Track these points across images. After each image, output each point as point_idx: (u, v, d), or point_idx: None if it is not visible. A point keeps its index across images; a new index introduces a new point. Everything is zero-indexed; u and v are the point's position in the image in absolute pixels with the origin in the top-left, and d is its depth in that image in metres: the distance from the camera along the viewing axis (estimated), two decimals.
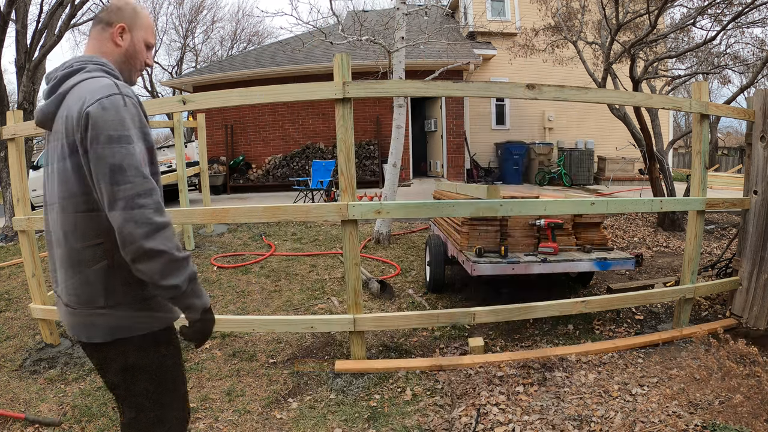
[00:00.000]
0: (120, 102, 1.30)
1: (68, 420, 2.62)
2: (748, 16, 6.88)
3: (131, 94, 1.36)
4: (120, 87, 1.33)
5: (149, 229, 1.25)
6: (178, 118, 6.83)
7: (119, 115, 1.28)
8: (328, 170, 9.64)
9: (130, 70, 1.53)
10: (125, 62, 1.51)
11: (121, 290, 1.37)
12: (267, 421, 2.59)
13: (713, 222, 7.65)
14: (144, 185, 1.27)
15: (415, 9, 7.92)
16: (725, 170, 17.13)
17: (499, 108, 13.77)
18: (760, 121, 3.53)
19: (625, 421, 2.42)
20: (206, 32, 31.65)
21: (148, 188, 1.28)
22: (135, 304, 1.39)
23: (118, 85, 1.33)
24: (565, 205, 3.26)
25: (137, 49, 1.51)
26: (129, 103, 1.32)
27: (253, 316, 4.02)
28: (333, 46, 7.93)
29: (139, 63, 1.53)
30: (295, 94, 2.98)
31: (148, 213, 1.26)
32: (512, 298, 4.31)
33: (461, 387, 2.82)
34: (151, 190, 1.28)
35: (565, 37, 8.86)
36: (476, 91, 3.12)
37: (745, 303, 3.60)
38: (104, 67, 1.42)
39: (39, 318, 3.58)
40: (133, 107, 1.33)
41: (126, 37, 1.48)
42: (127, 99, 1.32)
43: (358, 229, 3.05)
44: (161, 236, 1.27)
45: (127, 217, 1.24)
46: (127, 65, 1.51)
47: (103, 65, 1.43)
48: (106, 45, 1.48)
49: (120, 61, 1.50)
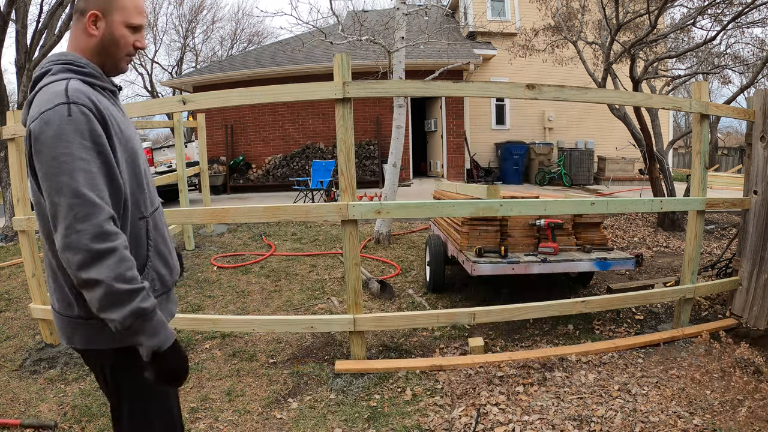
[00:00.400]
0: (63, 113, 1.17)
1: (68, 420, 2.62)
2: (748, 16, 6.88)
3: (83, 100, 1.21)
4: (70, 94, 1.20)
5: (84, 258, 1.14)
6: (178, 118, 6.83)
7: (60, 130, 1.16)
8: (328, 170, 9.64)
9: (113, 60, 1.37)
10: (104, 52, 1.35)
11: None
12: (267, 421, 2.59)
13: (713, 222, 7.65)
14: (82, 209, 1.14)
15: (415, 9, 7.92)
16: (725, 170, 17.13)
17: (499, 108, 13.76)
18: (760, 121, 3.53)
19: (625, 421, 2.42)
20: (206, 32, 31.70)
21: (87, 213, 1.15)
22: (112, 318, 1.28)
23: (68, 91, 1.21)
24: (565, 205, 3.26)
25: (116, 35, 1.34)
26: (76, 113, 1.18)
27: (253, 316, 4.02)
28: (333, 46, 7.93)
29: (122, 50, 1.36)
30: (295, 94, 2.98)
31: (85, 240, 1.13)
32: (512, 298, 4.31)
33: (461, 387, 2.82)
34: (89, 214, 1.15)
35: (565, 37, 8.86)
36: (476, 91, 3.12)
37: (745, 303, 3.60)
38: (70, 65, 1.30)
39: (39, 318, 3.58)
40: (82, 116, 1.19)
41: (100, 24, 1.33)
42: (74, 107, 1.19)
43: (358, 229, 3.05)
44: (100, 265, 1.14)
45: (64, 244, 1.14)
46: (108, 55, 1.36)
47: (69, 63, 1.31)
48: (81, 37, 1.34)
49: (97, 53, 1.35)
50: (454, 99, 12.47)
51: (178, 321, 3.18)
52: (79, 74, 1.30)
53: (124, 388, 1.39)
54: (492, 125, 13.80)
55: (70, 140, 1.17)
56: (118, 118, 1.34)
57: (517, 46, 10.21)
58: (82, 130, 1.19)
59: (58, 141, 1.16)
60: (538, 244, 3.95)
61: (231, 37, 28.69)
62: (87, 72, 1.32)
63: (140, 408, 1.40)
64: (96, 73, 1.35)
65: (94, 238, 1.15)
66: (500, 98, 12.81)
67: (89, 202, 1.16)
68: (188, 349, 3.47)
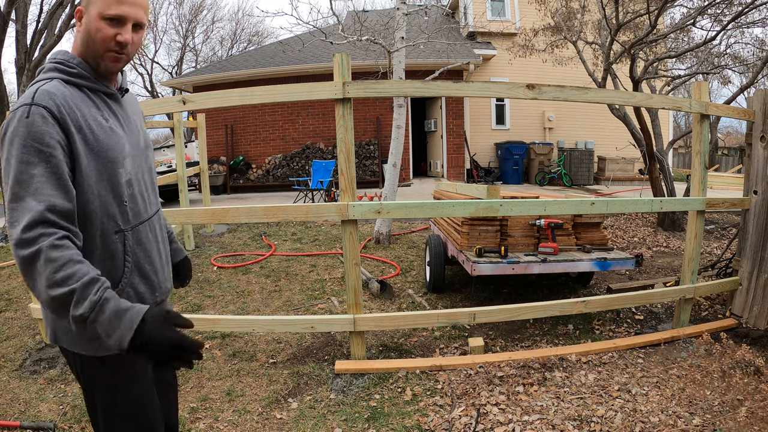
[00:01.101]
0: (22, 115, 1.15)
1: (68, 420, 2.62)
2: (748, 16, 6.89)
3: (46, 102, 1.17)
4: (37, 96, 1.17)
5: (19, 262, 1.11)
6: (178, 118, 6.83)
7: (15, 132, 1.15)
8: (328, 170, 9.64)
9: (94, 56, 1.29)
10: (86, 48, 1.29)
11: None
12: (267, 421, 2.59)
13: (713, 222, 7.65)
14: (13, 213, 1.12)
15: (415, 9, 7.92)
16: (725, 170, 17.13)
17: (499, 108, 13.76)
18: (760, 121, 3.53)
19: (625, 421, 2.42)
20: (206, 32, 31.76)
21: (15, 218, 1.11)
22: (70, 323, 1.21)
23: (37, 93, 1.18)
24: (565, 205, 3.26)
25: (92, 28, 1.26)
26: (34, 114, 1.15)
27: (253, 316, 4.02)
28: (333, 46, 7.93)
29: (100, 44, 1.27)
30: (295, 94, 2.97)
31: (14, 244, 1.11)
32: (512, 298, 4.31)
33: (461, 387, 2.82)
34: (15, 220, 1.10)
35: (565, 37, 8.86)
36: (476, 91, 3.12)
37: (745, 303, 3.60)
38: (60, 65, 1.27)
39: (39, 318, 3.58)
40: (39, 118, 1.15)
41: (84, 19, 1.28)
42: (33, 109, 1.15)
43: (358, 229, 3.05)
44: (32, 269, 1.09)
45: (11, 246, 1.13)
46: (89, 51, 1.29)
47: (60, 62, 1.28)
48: (76, 34, 1.32)
49: (82, 49, 1.30)
50: (454, 99, 12.47)
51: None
52: (65, 74, 1.26)
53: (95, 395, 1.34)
54: (492, 125, 13.81)
55: (21, 143, 1.14)
56: (97, 123, 1.26)
57: (517, 46, 10.22)
58: (34, 133, 1.14)
59: (11, 143, 1.15)
60: (538, 244, 3.95)
61: (231, 37, 28.73)
62: (75, 72, 1.27)
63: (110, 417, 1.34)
64: (85, 73, 1.29)
65: (18, 245, 1.10)
66: (500, 98, 12.79)
67: (22, 207, 1.12)
68: None
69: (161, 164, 10.73)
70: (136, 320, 1.11)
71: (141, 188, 1.39)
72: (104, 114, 1.31)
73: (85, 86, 1.29)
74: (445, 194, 5.20)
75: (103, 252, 1.27)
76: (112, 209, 1.28)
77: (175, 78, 20.12)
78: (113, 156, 1.28)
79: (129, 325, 1.10)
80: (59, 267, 1.08)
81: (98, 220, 1.26)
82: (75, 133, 1.20)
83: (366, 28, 8.14)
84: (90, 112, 1.26)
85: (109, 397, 1.33)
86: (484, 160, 13.59)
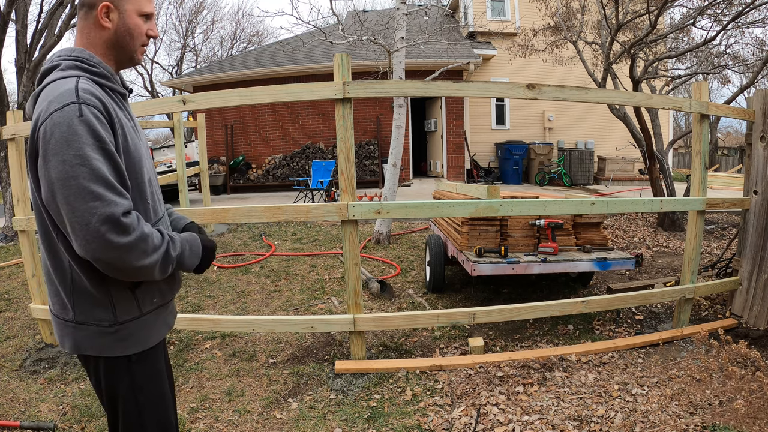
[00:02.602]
0: (74, 114, 1.14)
1: (68, 420, 2.62)
2: (748, 16, 6.89)
3: (93, 102, 1.18)
4: (81, 94, 1.17)
5: (118, 254, 1.15)
6: (178, 118, 6.84)
7: (71, 131, 1.13)
8: (328, 170, 9.64)
9: (129, 52, 1.34)
10: (119, 45, 1.31)
11: (87, 309, 1.28)
12: (267, 421, 2.59)
13: (713, 222, 7.65)
14: (101, 209, 1.13)
15: (415, 9, 7.93)
16: (725, 170, 17.13)
17: (499, 108, 13.77)
18: (760, 121, 3.53)
19: (625, 422, 2.42)
20: (206, 32, 31.77)
21: (106, 213, 1.13)
22: (101, 327, 1.29)
23: (78, 91, 1.17)
24: (565, 205, 3.26)
25: (131, 24, 1.30)
26: (87, 114, 1.15)
27: (253, 316, 4.02)
28: (333, 46, 7.93)
29: (138, 40, 1.33)
30: (295, 94, 2.97)
31: (110, 237, 1.13)
32: (512, 298, 4.31)
33: (461, 387, 2.82)
34: (107, 216, 1.13)
35: (565, 37, 8.86)
36: (476, 91, 3.12)
37: (745, 303, 3.60)
38: (82, 63, 1.26)
39: (39, 318, 3.58)
40: (93, 117, 1.16)
41: (113, 15, 1.28)
42: (84, 108, 1.15)
43: (358, 229, 3.05)
44: (133, 254, 1.17)
45: (92, 249, 1.13)
46: (124, 47, 1.32)
47: (81, 60, 1.26)
48: (93, 31, 1.29)
49: (113, 46, 1.31)
50: (454, 99, 12.47)
51: (178, 321, 3.18)
52: (89, 73, 1.26)
53: (119, 397, 1.36)
54: (492, 125, 13.81)
55: (83, 141, 1.14)
56: (125, 123, 1.30)
57: (517, 46, 10.22)
58: (94, 131, 1.16)
59: (70, 142, 1.13)
60: (538, 244, 3.95)
61: (231, 37, 28.72)
62: (98, 72, 1.28)
63: (135, 417, 1.37)
64: (107, 73, 1.30)
65: (118, 232, 1.14)
66: (500, 98, 12.79)
67: (106, 201, 1.14)
68: (188, 349, 3.48)
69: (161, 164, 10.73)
70: (197, 237, 1.42)
71: (156, 187, 1.43)
72: (125, 114, 1.33)
73: (106, 86, 1.29)
74: (445, 194, 5.20)
75: None
76: (139, 207, 1.31)
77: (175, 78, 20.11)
78: (138, 155, 1.31)
79: (197, 242, 1.41)
80: (153, 234, 1.24)
81: None
82: (117, 132, 1.24)
83: (366, 28, 8.14)
84: (117, 111, 1.28)
85: (134, 397, 1.36)
86: (484, 160, 13.59)
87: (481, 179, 12.98)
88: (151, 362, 1.39)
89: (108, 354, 1.31)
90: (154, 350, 1.40)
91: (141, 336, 1.35)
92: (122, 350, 1.32)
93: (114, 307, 1.29)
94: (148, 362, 1.38)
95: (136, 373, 1.35)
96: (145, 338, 1.36)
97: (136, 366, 1.35)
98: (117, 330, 1.30)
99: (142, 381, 1.37)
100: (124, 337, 1.31)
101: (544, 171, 12.67)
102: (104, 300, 1.28)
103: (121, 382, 1.34)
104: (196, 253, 1.39)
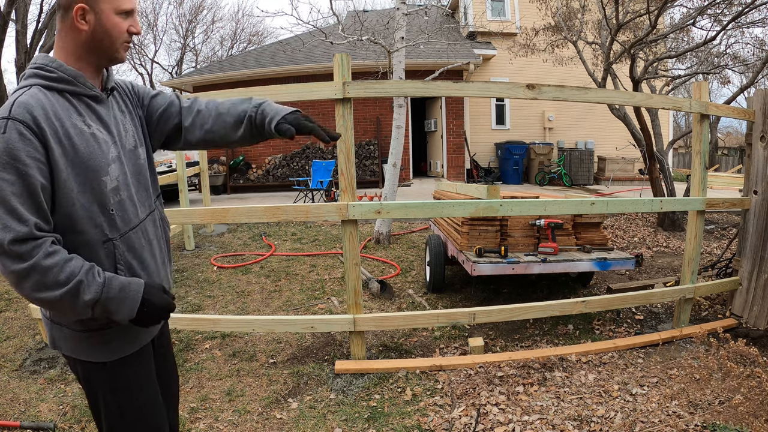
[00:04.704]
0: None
1: (68, 420, 2.62)
2: (748, 16, 6.89)
3: (22, 116, 1.12)
4: (14, 109, 1.12)
5: (15, 281, 1.12)
6: None
7: None
8: (328, 170, 9.64)
9: (109, 52, 1.28)
10: (96, 47, 1.26)
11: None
12: (267, 421, 2.59)
13: (713, 222, 7.65)
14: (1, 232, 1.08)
15: (415, 9, 7.93)
16: (725, 170, 17.13)
17: (499, 108, 13.77)
18: (760, 121, 3.53)
19: (625, 421, 2.42)
20: (206, 32, 31.80)
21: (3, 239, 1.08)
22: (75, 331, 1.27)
23: (14, 105, 1.13)
24: (565, 205, 3.26)
25: (108, 26, 1.24)
26: (10, 130, 1.10)
27: (253, 316, 4.02)
28: (333, 46, 7.93)
29: (117, 39, 1.27)
30: (295, 94, 2.98)
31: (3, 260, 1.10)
32: (512, 298, 4.31)
33: (461, 387, 2.82)
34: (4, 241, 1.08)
35: (565, 37, 8.86)
36: (476, 91, 3.12)
37: (745, 303, 3.60)
38: (39, 71, 1.22)
39: (39, 318, 3.58)
40: (16, 134, 1.10)
41: (89, 17, 1.22)
42: (10, 124, 1.10)
43: (358, 229, 3.05)
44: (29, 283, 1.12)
45: None
46: (102, 49, 1.27)
47: (39, 68, 1.22)
48: (69, 34, 1.24)
49: (89, 48, 1.26)
50: (454, 99, 12.47)
51: (178, 321, 3.18)
52: (45, 79, 1.21)
53: (99, 400, 1.33)
54: (492, 125, 13.81)
55: None
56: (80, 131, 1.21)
57: (517, 46, 10.22)
58: (10, 149, 1.09)
59: None
60: (538, 244, 3.95)
61: (231, 37, 28.73)
62: (55, 77, 1.21)
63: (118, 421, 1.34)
64: (67, 77, 1.22)
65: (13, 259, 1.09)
66: (500, 98, 12.80)
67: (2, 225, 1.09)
68: (188, 349, 3.48)
69: (161, 164, 10.72)
70: (139, 290, 1.23)
71: (130, 193, 1.34)
72: (86, 120, 1.25)
73: (66, 91, 1.23)
74: (445, 194, 5.20)
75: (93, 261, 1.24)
76: (98, 219, 1.24)
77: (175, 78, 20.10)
78: (96, 165, 1.23)
79: (135, 296, 1.22)
80: (60, 269, 1.12)
81: (84, 231, 1.23)
82: (54, 147, 1.15)
83: (366, 28, 8.14)
84: (71, 119, 1.21)
85: (113, 401, 1.32)
86: (484, 160, 13.59)
87: (481, 179, 12.98)
88: (133, 366, 1.34)
89: (83, 358, 1.28)
90: (137, 355, 1.36)
91: (115, 344, 1.30)
92: (97, 356, 1.28)
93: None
94: (130, 366, 1.33)
95: (115, 378, 1.31)
96: (121, 345, 1.31)
97: (115, 371, 1.31)
98: (88, 336, 1.27)
99: (123, 385, 1.33)
100: (97, 343, 1.27)
101: (544, 171, 12.67)
102: None
103: (100, 387, 1.31)
104: (128, 306, 1.21)
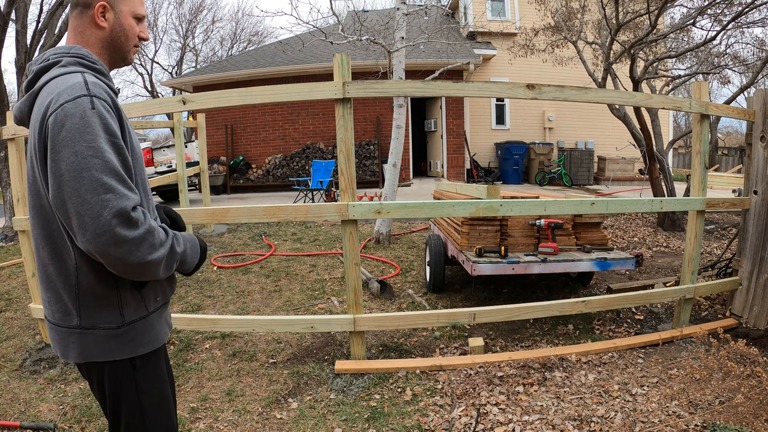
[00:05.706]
0: (86, 106, 1.13)
1: (68, 420, 2.62)
2: (748, 16, 6.88)
3: (103, 94, 1.19)
4: (90, 87, 1.17)
5: (128, 248, 1.13)
6: (178, 118, 6.84)
7: (84, 123, 1.12)
8: (328, 170, 9.64)
9: (122, 51, 1.36)
10: (114, 44, 1.34)
11: (93, 313, 1.25)
12: (267, 421, 2.59)
13: (713, 222, 7.65)
14: (113, 201, 1.11)
15: (415, 9, 7.92)
16: (725, 170, 17.12)
17: (499, 108, 13.77)
18: (760, 121, 3.53)
19: (625, 421, 2.42)
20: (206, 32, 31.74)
21: (118, 206, 1.12)
22: (109, 330, 1.27)
23: (88, 84, 1.17)
24: (565, 205, 3.26)
25: (125, 25, 1.33)
26: (99, 107, 1.15)
27: (253, 316, 4.02)
28: (333, 46, 7.92)
29: (130, 41, 1.36)
30: (295, 94, 2.98)
31: (120, 231, 1.11)
32: (512, 298, 4.31)
33: (461, 387, 2.82)
34: (119, 209, 1.12)
35: (565, 37, 8.86)
36: (476, 91, 3.12)
37: (745, 303, 3.60)
38: (82, 60, 1.26)
39: (39, 318, 3.58)
40: (105, 111, 1.16)
41: (109, 15, 1.30)
42: (96, 101, 1.15)
43: (358, 229, 3.05)
44: (142, 249, 1.15)
45: (101, 242, 1.11)
46: (117, 47, 1.35)
47: (81, 57, 1.26)
48: (88, 30, 1.30)
49: (108, 45, 1.33)
50: (454, 99, 12.47)
51: (178, 321, 3.18)
52: (90, 69, 1.26)
53: (123, 402, 1.35)
54: (492, 125, 13.81)
55: (96, 133, 1.13)
56: (128, 121, 1.31)
57: (517, 46, 10.21)
58: (106, 125, 1.15)
59: (83, 134, 1.11)
60: (538, 244, 3.95)
61: (231, 37, 28.70)
62: (98, 69, 1.29)
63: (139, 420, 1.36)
64: (105, 71, 1.31)
65: (127, 226, 1.13)
66: (500, 98, 12.80)
67: (118, 194, 1.13)
68: (188, 349, 3.48)
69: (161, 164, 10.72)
70: (193, 236, 1.44)
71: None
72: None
73: (105, 83, 1.28)
74: (445, 194, 5.20)
75: None
76: (145, 203, 1.31)
77: (175, 78, 20.11)
78: (140, 153, 1.32)
79: (195, 241, 1.42)
80: (158, 229, 1.23)
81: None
82: (125, 127, 1.25)
83: (366, 28, 8.13)
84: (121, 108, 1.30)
85: (138, 401, 1.35)
86: (484, 160, 13.59)
87: (481, 179, 12.97)
88: (153, 365, 1.39)
89: (116, 357, 1.29)
90: (156, 353, 1.40)
91: (147, 337, 1.34)
92: (130, 351, 1.31)
93: (122, 308, 1.28)
94: (151, 366, 1.38)
95: (139, 378, 1.34)
96: (151, 339, 1.36)
97: (140, 370, 1.34)
98: (125, 331, 1.29)
99: (145, 385, 1.36)
100: (132, 338, 1.31)
101: (544, 171, 12.67)
102: (112, 301, 1.27)
103: (126, 388, 1.33)
104: (195, 252, 1.39)
